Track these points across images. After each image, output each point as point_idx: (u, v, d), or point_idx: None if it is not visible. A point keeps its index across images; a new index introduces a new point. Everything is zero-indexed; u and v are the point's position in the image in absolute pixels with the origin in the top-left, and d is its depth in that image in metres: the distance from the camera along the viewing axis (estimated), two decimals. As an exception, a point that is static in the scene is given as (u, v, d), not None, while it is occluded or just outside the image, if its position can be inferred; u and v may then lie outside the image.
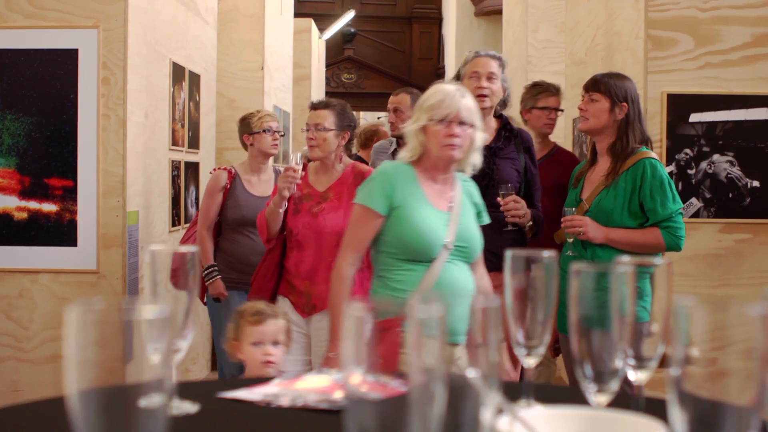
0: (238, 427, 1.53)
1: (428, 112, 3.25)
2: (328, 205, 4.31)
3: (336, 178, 4.38)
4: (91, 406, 0.82)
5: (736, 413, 0.91)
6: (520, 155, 4.14)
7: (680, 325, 0.92)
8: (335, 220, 4.24)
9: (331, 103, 4.45)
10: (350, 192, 4.17)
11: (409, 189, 3.26)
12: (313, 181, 4.42)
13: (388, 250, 3.23)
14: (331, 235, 4.18)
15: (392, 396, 0.82)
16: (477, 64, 4.16)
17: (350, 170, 4.41)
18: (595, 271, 1.34)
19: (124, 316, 0.82)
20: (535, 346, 1.53)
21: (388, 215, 3.24)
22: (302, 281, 4.24)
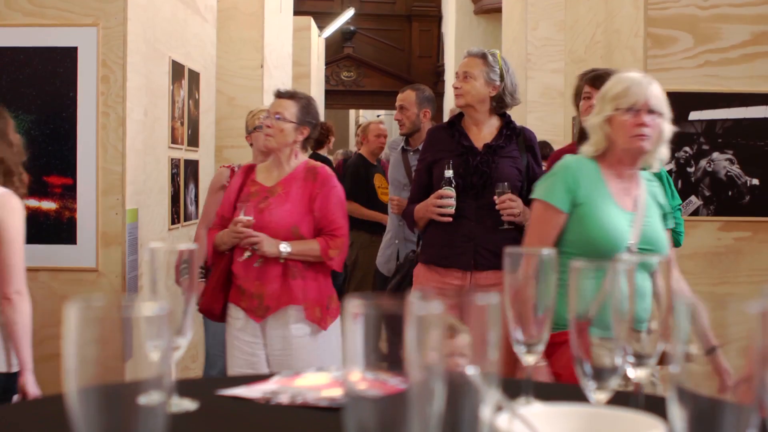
0: (237, 424, 1.53)
1: (613, 101, 3.01)
2: (274, 200, 4.12)
3: (287, 174, 4.19)
4: (90, 404, 0.81)
5: (736, 411, 0.91)
6: (522, 154, 4.14)
7: (680, 322, 0.92)
8: (281, 215, 4.07)
9: (296, 95, 4.27)
10: (300, 188, 4.09)
11: (594, 185, 3.03)
12: (261, 179, 4.24)
13: (568, 250, 2.95)
14: (278, 231, 4.02)
15: (391, 394, 0.82)
16: (459, 65, 4.25)
17: (303, 166, 4.22)
18: (595, 268, 1.34)
19: (124, 314, 0.82)
20: (534, 344, 1.53)
21: (570, 212, 3.01)
22: (252, 282, 4.05)
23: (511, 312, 1.52)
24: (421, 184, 4.23)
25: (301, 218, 4.05)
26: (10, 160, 3.56)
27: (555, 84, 8.27)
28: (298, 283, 4.04)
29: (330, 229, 4.08)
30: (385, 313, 0.80)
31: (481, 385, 0.91)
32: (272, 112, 4.16)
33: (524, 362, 1.55)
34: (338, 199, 4.14)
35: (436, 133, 4.29)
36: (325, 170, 4.18)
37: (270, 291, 4.01)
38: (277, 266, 4.03)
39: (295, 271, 4.03)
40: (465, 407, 0.92)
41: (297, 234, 4.04)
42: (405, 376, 0.81)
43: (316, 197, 4.08)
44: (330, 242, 4.06)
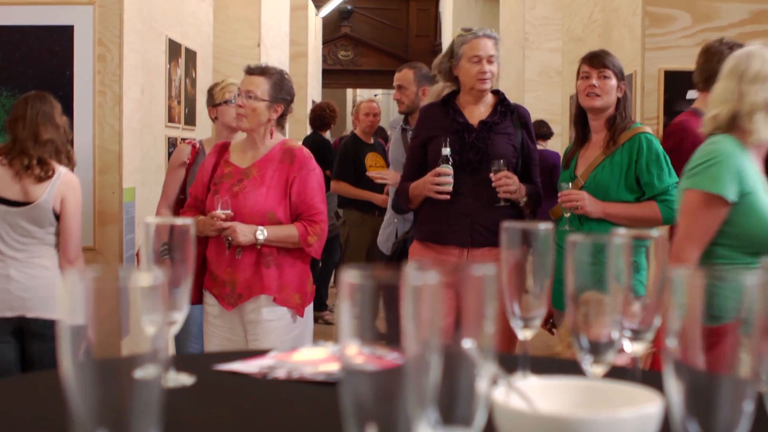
0: (234, 398, 1.53)
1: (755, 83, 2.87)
2: (249, 182, 3.87)
3: (262, 154, 3.94)
4: (86, 378, 0.81)
5: (732, 384, 0.91)
6: (516, 131, 4.14)
7: (676, 295, 0.92)
8: (256, 199, 3.82)
9: (268, 71, 3.96)
10: (277, 170, 3.88)
11: (753, 172, 2.86)
12: (235, 159, 3.98)
13: (730, 242, 2.83)
14: (252, 216, 3.79)
15: (388, 368, 0.82)
16: (477, 47, 4.11)
17: (279, 147, 3.96)
18: (591, 242, 1.34)
19: (120, 283, 0.82)
20: (531, 319, 1.53)
21: (736, 203, 2.82)
22: (224, 269, 3.84)
23: (507, 288, 1.52)
24: (414, 162, 4.20)
25: (278, 203, 3.84)
26: (58, 140, 4.16)
27: (553, 63, 8.26)
28: (272, 272, 3.84)
29: (309, 214, 3.87)
30: (380, 284, 0.80)
31: (478, 358, 0.91)
32: (243, 91, 3.89)
33: (521, 337, 1.55)
34: (317, 183, 3.93)
35: (429, 111, 4.26)
36: (302, 152, 3.96)
37: (242, 279, 3.81)
38: (252, 253, 3.82)
39: (269, 260, 3.82)
40: (461, 380, 0.92)
41: (273, 220, 3.82)
42: (401, 349, 0.81)
43: (294, 181, 3.86)
44: (309, 228, 3.86)
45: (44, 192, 4.03)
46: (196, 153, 4.64)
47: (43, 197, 4.02)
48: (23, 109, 4.12)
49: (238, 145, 4.05)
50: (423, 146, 4.13)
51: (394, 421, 0.82)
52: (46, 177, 4.02)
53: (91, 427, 0.81)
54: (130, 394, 0.82)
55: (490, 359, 0.92)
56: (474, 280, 0.90)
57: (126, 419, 0.81)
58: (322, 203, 3.94)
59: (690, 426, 0.90)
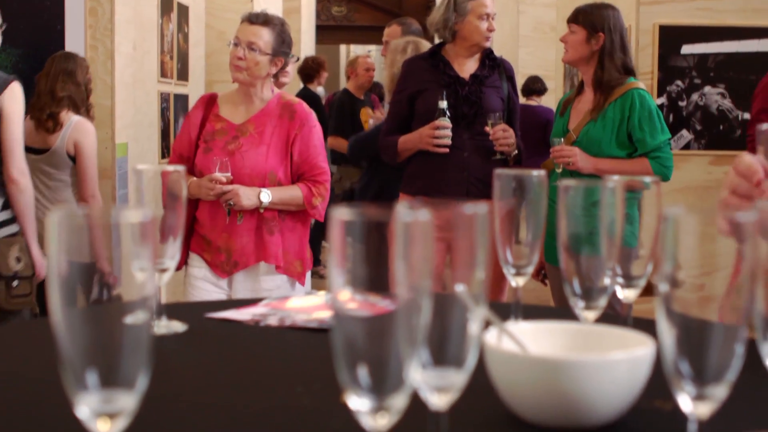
0: (226, 345, 1.53)
1: None
2: (246, 140, 3.54)
3: (258, 109, 3.61)
4: (74, 324, 0.81)
5: (724, 329, 0.91)
6: (503, 83, 4.13)
7: (667, 238, 0.91)
8: (256, 159, 3.50)
9: (271, 20, 3.63)
10: (277, 126, 3.56)
11: None
12: (227, 114, 3.63)
13: None
14: (252, 177, 3.47)
15: (380, 313, 0.82)
16: (485, 4, 4.08)
17: (276, 101, 3.63)
18: (585, 186, 1.34)
19: (109, 219, 0.81)
20: (523, 266, 1.53)
21: None
22: (219, 234, 3.50)
23: (500, 235, 1.52)
24: (400, 116, 4.15)
25: (279, 162, 3.52)
26: (76, 97, 4.52)
27: (547, 18, 8.20)
28: (275, 239, 3.54)
29: (312, 174, 3.58)
30: (371, 221, 0.79)
31: (469, 300, 0.91)
32: (244, 42, 3.56)
33: (513, 284, 1.55)
34: (319, 141, 3.65)
35: (415, 64, 4.20)
36: (303, 108, 3.65)
37: (240, 246, 3.49)
38: (252, 218, 3.51)
39: (272, 225, 3.53)
40: (453, 322, 0.92)
41: (274, 181, 3.51)
42: (392, 292, 0.81)
43: (295, 139, 3.55)
44: (313, 189, 3.57)
45: (58, 139, 4.47)
46: None
47: (57, 144, 4.47)
48: (48, 67, 4.55)
49: (229, 97, 3.70)
50: (410, 100, 4.09)
51: (386, 362, 0.81)
52: (56, 129, 4.45)
53: (81, 368, 0.80)
54: (119, 340, 0.81)
55: (481, 301, 0.92)
56: (465, 218, 0.89)
57: (116, 363, 0.81)
58: (325, 162, 3.68)
59: (682, 367, 0.89)
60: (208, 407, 1.17)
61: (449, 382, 0.91)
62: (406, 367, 0.82)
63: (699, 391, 0.89)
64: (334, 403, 1.18)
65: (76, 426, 0.84)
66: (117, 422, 0.81)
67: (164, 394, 1.22)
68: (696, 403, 0.89)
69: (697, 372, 0.89)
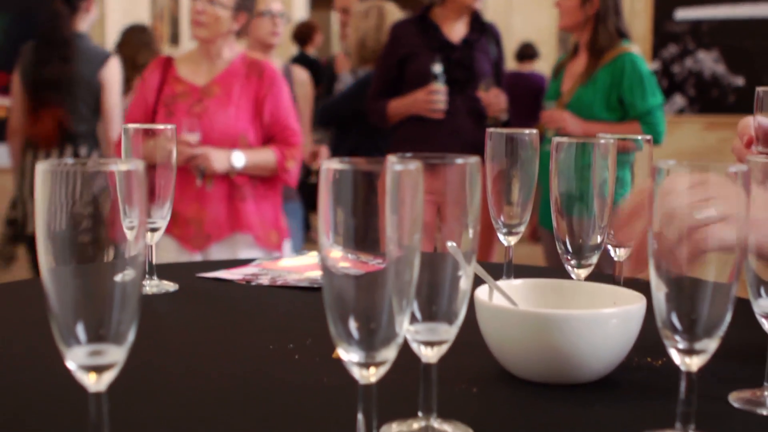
0: (218, 304, 1.53)
1: None
2: (213, 102, 3.31)
3: (222, 69, 3.38)
4: (63, 279, 0.80)
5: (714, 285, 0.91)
6: (491, 48, 4.11)
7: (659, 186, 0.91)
8: (226, 121, 3.29)
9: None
10: (244, 86, 3.36)
11: None
12: (187, 75, 3.40)
13: None
14: (222, 141, 3.24)
15: (371, 271, 0.82)
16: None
17: (240, 60, 3.42)
18: (577, 142, 1.33)
19: (98, 168, 0.80)
20: (515, 225, 1.53)
21: None
22: (188, 205, 3.27)
23: (492, 194, 1.52)
24: (388, 80, 4.11)
25: (249, 124, 3.34)
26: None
27: (541, -16, 8.17)
28: (249, 206, 3.35)
29: (284, 136, 3.40)
30: (361, 171, 0.79)
31: (459, 256, 0.90)
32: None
33: (505, 243, 1.55)
34: (289, 101, 3.47)
35: (404, 28, 4.16)
36: (270, 67, 3.46)
37: (212, 216, 3.27)
38: (222, 184, 3.29)
39: (244, 191, 3.33)
40: (443, 278, 0.91)
41: (245, 144, 3.32)
42: (383, 250, 0.81)
43: (265, 99, 3.36)
44: (286, 151, 3.40)
45: None
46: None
47: None
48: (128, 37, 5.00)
49: (188, 58, 3.47)
50: (399, 64, 4.07)
51: (376, 316, 0.81)
52: None
53: (70, 322, 0.80)
54: (109, 299, 0.81)
55: (472, 257, 0.92)
56: (456, 168, 0.89)
57: (104, 318, 0.80)
58: (297, 123, 3.51)
59: (673, 321, 0.90)
60: (199, 364, 1.17)
61: (440, 336, 0.91)
62: (396, 321, 0.82)
63: (690, 345, 0.89)
64: (326, 358, 1.18)
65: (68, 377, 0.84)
66: (105, 375, 0.81)
67: (155, 351, 1.22)
68: (687, 357, 0.89)
69: (688, 326, 0.89)
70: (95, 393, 0.81)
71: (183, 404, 1.02)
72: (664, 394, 1.04)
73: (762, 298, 1.00)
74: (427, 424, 0.93)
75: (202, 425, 0.95)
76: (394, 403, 0.99)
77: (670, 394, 0.95)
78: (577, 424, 0.97)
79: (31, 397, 1.04)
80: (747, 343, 1.24)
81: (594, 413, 1.01)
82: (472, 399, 1.05)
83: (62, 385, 1.00)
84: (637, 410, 1.02)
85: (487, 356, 1.14)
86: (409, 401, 0.96)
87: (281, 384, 1.09)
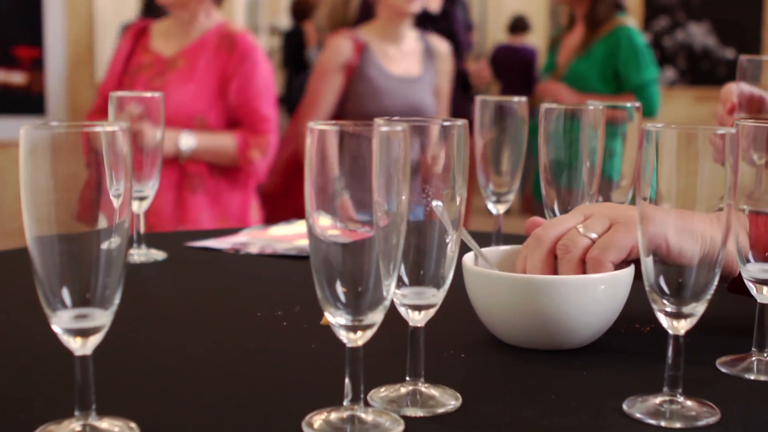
0: (206, 272, 1.53)
1: None
2: (174, 76, 2.92)
3: (193, 40, 2.98)
4: (48, 250, 0.80)
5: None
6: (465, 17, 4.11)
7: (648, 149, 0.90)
8: (181, 98, 2.87)
9: None
10: (210, 61, 2.95)
11: None
12: (157, 45, 3.02)
13: None
14: (174, 121, 2.79)
15: (358, 239, 0.81)
16: None
17: (216, 31, 3.00)
18: (566, 110, 1.33)
19: (82, 129, 0.79)
20: (504, 194, 1.53)
21: None
22: None
23: (481, 162, 1.52)
24: None
25: (210, 105, 2.91)
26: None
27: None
28: (199, 200, 2.91)
29: (251, 121, 2.94)
30: (348, 133, 0.78)
31: (446, 220, 0.90)
32: None
33: (493, 212, 1.55)
34: (264, 81, 2.99)
35: None
36: (246, 39, 3.01)
37: (155, 205, 2.69)
38: (170, 171, 2.85)
39: (195, 182, 2.90)
40: (430, 242, 0.91)
41: (203, 126, 2.90)
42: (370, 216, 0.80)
43: (232, 77, 2.93)
44: (250, 139, 2.93)
45: None
46: (361, 50, 3.43)
47: None
48: None
49: (164, 27, 3.08)
50: None
51: (363, 280, 0.81)
52: None
53: (56, 287, 0.79)
54: (95, 267, 0.80)
55: (458, 223, 0.91)
56: (443, 131, 0.88)
57: (90, 283, 0.80)
58: (271, 107, 3.02)
59: (661, 284, 0.90)
60: (187, 330, 1.17)
61: (427, 300, 0.91)
62: (383, 285, 0.82)
63: (677, 309, 0.89)
64: (315, 325, 1.18)
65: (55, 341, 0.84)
66: (91, 339, 0.81)
67: (142, 318, 1.22)
68: (675, 320, 0.89)
69: (676, 290, 0.89)
70: (81, 356, 0.81)
71: (170, 370, 1.02)
72: (652, 359, 1.04)
73: (750, 263, 1.00)
74: (414, 388, 0.93)
75: (190, 391, 0.95)
76: (382, 369, 0.99)
77: (658, 359, 0.95)
78: (565, 388, 0.97)
79: (17, 362, 1.03)
80: (735, 309, 1.24)
81: (582, 378, 1.01)
82: (460, 364, 1.05)
83: (48, 349, 1.00)
84: (624, 375, 1.02)
85: (476, 322, 1.14)
86: (397, 367, 0.96)
87: (269, 350, 1.08)
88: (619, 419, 0.89)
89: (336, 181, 0.80)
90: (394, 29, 3.42)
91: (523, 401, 0.93)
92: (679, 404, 0.90)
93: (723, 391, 0.97)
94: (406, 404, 0.90)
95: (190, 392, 0.95)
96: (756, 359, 1.04)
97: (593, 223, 1.10)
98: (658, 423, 0.88)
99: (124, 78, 2.97)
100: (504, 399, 0.94)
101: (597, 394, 0.96)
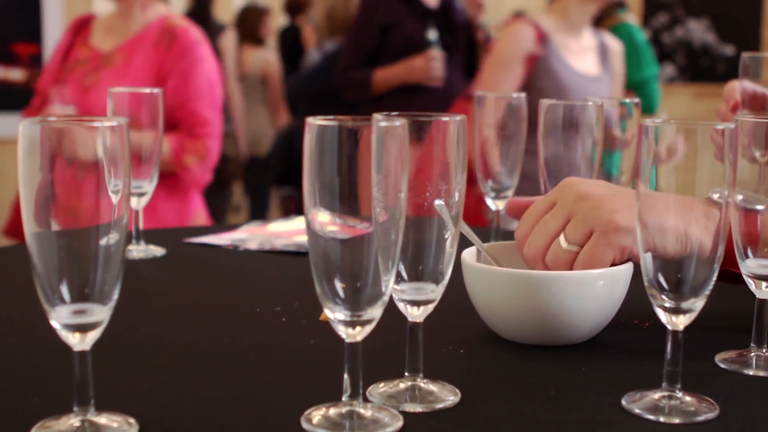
0: (205, 268, 1.53)
1: None
2: (108, 72, 2.71)
3: (132, 34, 2.78)
4: (46, 242, 0.80)
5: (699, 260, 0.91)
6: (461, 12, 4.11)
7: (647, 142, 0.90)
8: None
9: None
10: (149, 57, 2.74)
11: None
12: (97, 40, 2.83)
13: None
14: None
15: (357, 235, 0.81)
16: None
17: (157, 25, 2.79)
18: (564, 105, 1.33)
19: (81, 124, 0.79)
20: (503, 189, 1.53)
21: None
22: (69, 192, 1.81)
23: (479, 157, 1.52)
24: (368, 49, 3.95)
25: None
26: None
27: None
28: None
29: (189, 124, 2.73)
30: (346, 127, 0.78)
31: (447, 220, 0.90)
32: None
33: (492, 208, 1.55)
34: (206, 80, 2.78)
35: None
36: (187, 33, 2.80)
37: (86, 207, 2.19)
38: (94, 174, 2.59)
39: None
40: (429, 238, 0.91)
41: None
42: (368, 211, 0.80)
43: (169, 75, 2.72)
44: (187, 143, 2.72)
45: None
46: (543, 39, 3.20)
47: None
48: None
49: (106, 21, 2.89)
50: (381, 33, 3.92)
51: (362, 275, 0.81)
52: None
53: (54, 283, 0.79)
54: (93, 263, 0.80)
55: (457, 218, 0.91)
56: (443, 126, 0.88)
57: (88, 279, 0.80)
58: (213, 109, 2.80)
59: (660, 279, 0.90)
60: (185, 326, 1.17)
61: (426, 296, 0.91)
62: (382, 281, 0.82)
63: (676, 304, 0.89)
64: (313, 320, 1.18)
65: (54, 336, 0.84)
66: (90, 334, 0.81)
67: (141, 314, 1.22)
68: (673, 316, 0.89)
69: (675, 285, 0.89)
70: (80, 351, 0.81)
71: (169, 365, 1.02)
72: (651, 355, 1.04)
73: (749, 258, 1.00)
74: (413, 383, 0.93)
75: (188, 386, 0.95)
76: (381, 365, 0.99)
77: (657, 355, 0.95)
78: (564, 384, 0.97)
79: (15, 358, 1.03)
80: (734, 305, 1.24)
81: (581, 374, 1.01)
82: (459, 360, 1.05)
83: (47, 345, 1.00)
84: (623, 371, 1.02)
85: (475, 318, 1.14)
86: (396, 363, 0.96)
87: (268, 346, 1.08)
88: (618, 415, 0.89)
89: (335, 176, 0.80)
90: (581, 18, 3.20)
91: (522, 397, 0.93)
92: (678, 400, 0.90)
93: (722, 387, 0.97)
94: (405, 400, 0.90)
95: (188, 388, 0.95)
96: (755, 355, 1.04)
97: (573, 232, 1.08)
98: (656, 418, 0.88)
99: (60, 74, 2.79)
100: (503, 394, 0.94)
101: (596, 389, 0.96)
